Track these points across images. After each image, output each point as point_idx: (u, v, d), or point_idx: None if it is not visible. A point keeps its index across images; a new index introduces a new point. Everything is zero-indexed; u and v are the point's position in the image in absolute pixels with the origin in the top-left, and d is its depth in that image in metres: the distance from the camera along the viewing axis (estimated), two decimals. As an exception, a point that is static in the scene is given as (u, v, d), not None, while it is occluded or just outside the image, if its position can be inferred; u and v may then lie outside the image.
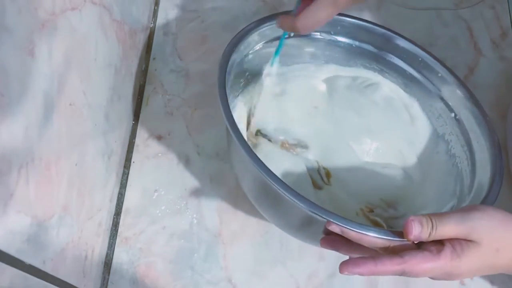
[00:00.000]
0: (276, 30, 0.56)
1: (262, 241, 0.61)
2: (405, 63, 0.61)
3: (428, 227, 0.41)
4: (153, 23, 0.75)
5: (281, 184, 0.45)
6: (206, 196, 0.63)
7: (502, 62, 0.74)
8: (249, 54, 0.58)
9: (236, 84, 0.58)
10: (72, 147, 0.46)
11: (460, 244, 0.41)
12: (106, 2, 0.53)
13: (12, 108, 0.34)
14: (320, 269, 0.59)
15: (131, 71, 0.66)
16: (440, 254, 0.41)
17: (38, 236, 0.40)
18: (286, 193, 0.45)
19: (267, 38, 0.59)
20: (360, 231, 0.43)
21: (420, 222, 0.42)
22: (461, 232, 0.41)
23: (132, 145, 0.66)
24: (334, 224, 0.44)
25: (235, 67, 0.56)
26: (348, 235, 0.44)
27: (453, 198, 0.55)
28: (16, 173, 0.35)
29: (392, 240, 0.43)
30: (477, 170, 0.54)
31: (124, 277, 0.58)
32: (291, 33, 0.58)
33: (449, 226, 0.41)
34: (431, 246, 0.42)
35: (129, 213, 0.61)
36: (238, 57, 0.56)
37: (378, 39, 0.61)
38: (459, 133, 0.58)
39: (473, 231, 0.41)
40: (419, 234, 0.41)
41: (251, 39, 0.57)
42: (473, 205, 0.45)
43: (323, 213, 0.44)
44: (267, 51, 0.59)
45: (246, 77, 0.60)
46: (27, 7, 0.35)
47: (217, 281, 0.58)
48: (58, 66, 0.41)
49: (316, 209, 0.44)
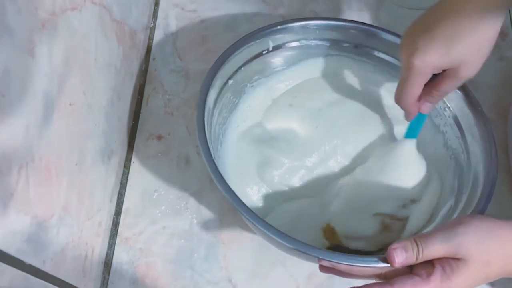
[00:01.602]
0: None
1: (262, 241, 0.60)
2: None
3: (414, 251, 0.42)
4: (153, 23, 0.75)
5: (263, 224, 0.47)
6: (206, 196, 0.63)
7: (502, 62, 0.74)
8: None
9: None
10: (72, 147, 0.46)
11: (450, 265, 0.41)
12: (106, 2, 0.53)
13: (12, 108, 0.34)
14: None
15: (131, 71, 0.66)
16: (430, 278, 0.41)
17: (38, 236, 0.40)
18: (270, 233, 0.46)
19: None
20: (348, 264, 0.45)
21: (404, 248, 0.42)
22: (448, 250, 0.41)
23: (132, 145, 0.66)
24: (323, 261, 0.45)
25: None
26: (339, 268, 0.45)
27: (452, 196, 0.55)
28: (16, 173, 0.35)
29: (382, 267, 0.44)
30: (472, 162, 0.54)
31: (124, 277, 0.58)
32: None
33: (435, 246, 0.42)
34: (421, 270, 0.42)
35: (129, 213, 0.61)
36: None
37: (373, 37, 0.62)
38: (453, 123, 0.58)
39: (460, 248, 0.41)
40: (404, 260, 0.42)
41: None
42: (458, 219, 0.45)
43: (309, 250, 0.45)
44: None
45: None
46: (27, 7, 0.35)
47: (217, 281, 0.58)
48: (58, 66, 0.41)
49: (301, 247, 0.45)
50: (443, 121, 0.60)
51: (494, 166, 0.52)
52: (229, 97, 0.60)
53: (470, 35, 0.47)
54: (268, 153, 0.60)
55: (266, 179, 0.59)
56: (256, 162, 0.60)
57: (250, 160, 0.60)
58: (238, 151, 0.60)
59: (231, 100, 0.61)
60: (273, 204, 0.59)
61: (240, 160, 0.60)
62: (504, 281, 0.60)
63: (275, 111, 0.63)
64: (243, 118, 0.62)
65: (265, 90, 0.64)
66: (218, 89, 0.57)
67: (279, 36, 0.61)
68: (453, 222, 0.43)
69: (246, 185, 0.59)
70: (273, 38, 0.60)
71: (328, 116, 0.63)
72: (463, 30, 0.46)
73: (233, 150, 0.60)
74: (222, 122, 0.60)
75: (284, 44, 0.62)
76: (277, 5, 0.77)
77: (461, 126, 0.57)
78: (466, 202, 0.52)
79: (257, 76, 0.63)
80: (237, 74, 0.60)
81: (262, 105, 0.63)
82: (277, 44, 0.61)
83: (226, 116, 0.61)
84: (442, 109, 0.59)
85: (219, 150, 0.59)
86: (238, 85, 0.61)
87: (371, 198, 0.56)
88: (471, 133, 0.56)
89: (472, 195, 0.51)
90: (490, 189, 0.50)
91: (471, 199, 0.51)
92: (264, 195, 0.59)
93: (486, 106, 0.56)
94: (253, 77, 0.63)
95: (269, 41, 0.60)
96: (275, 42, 0.61)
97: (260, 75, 0.63)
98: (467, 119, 0.57)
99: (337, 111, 0.63)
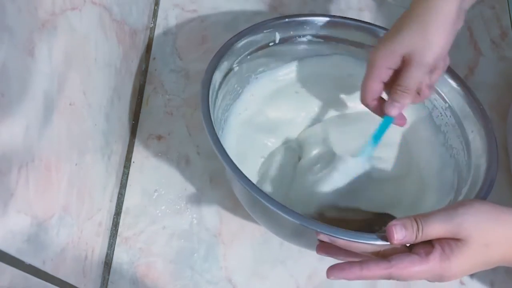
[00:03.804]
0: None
1: (262, 241, 0.61)
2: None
3: (413, 229, 0.41)
4: (153, 23, 0.75)
5: (268, 199, 0.46)
6: (206, 196, 0.63)
7: (502, 62, 0.74)
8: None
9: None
10: (72, 147, 0.46)
11: (449, 245, 0.41)
12: (106, 2, 0.53)
13: (12, 108, 0.34)
14: (320, 269, 0.59)
15: (131, 71, 0.66)
16: (428, 257, 0.41)
17: (38, 236, 0.40)
18: (274, 208, 0.46)
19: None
20: (347, 239, 0.44)
21: (404, 225, 0.42)
22: (448, 230, 0.41)
23: (132, 145, 0.66)
24: (322, 234, 0.44)
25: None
26: (337, 243, 0.44)
27: (451, 192, 0.55)
28: (16, 173, 0.35)
29: (380, 245, 0.43)
30: (473, 160, 0.54)
31: (124, 277, 0.58)
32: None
33: (436, 225, 0.41)
34: (420, 249, 0.42)
35: (129, 213, 0.61)
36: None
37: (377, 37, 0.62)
38: (454, 123, 0.58)
39: (460, 229, 0.41)
40: (403, 237, 0.41)
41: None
42: (460, 201, 0.45)
43: (310, 224, 0.45)
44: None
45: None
46: (27, 7, 0.35)
47: (217, 281, 0.58)
48: (58, 66, 0.41)
49: (302, 221, 0.45)
50: (444, 121, 0.60)
51: (494, 159, 0.51)
52: (234, 85, 0.60)
53: (413, 21, 0.49)
54: (268, 141, 0.61)
55: (265, 167, 0.59)
56: (256, 150, 0.61)
57: (250, 148, 0.60)
58: (238, 138, 0.61)
59: (235, 88, 0.61)
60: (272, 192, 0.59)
61: (240, 147, 0.60)
62: (504, 279, 0.60)
63: (279, 98, 0.64)
64: (245, 106, 0.62)
65: (269, 81, 0.64)
66: (224, 72, 0.57)
67: (286, 30, 0.61)
68: (455, 204, 0.43)
69: (245, 170, 0.58)
70: (280, 30, 0.60)
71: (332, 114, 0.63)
72: (408, 18, 0.49)
73: (234, 137, 0.60)
74: (225, 109, 0.60)
75: (290, 38, 0.62)
76: (277, 5, 0.77)
77: (462, 125, 0.57)
78: (465, 195, 0.52)
79: (262, 68, 0.63)
80: (243, 62, 0.60)
81: (265, 94, 0.64)
82: (284, 37, 0.61)
83: (229, 103, 0.61)
84: (444, 109, 0.59)
85: (220, 136, 0.59)
86: (243, 74, 0.61)
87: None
88: (472, 130, 0.56)
89: (472, 188, 0.51)
90: (490, 181, 0.50)
91: (471, 191, 0.51)
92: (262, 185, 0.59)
93: (486, 106, 0.56)
94: (258, 69, 0.63)
95: (276, 33, 0.60)
96: (282, 35, 0.61)
97: (265, 67, 0.63)
98: (468, 118, 0.57)
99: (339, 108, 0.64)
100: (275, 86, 0.64)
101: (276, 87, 0.64)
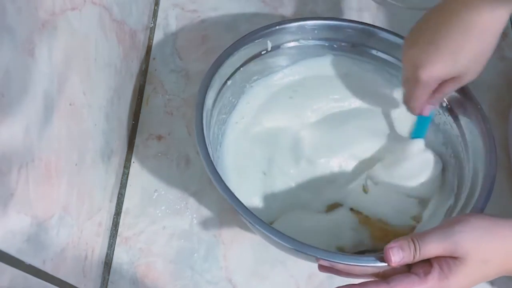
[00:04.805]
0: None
1: (262, 241, 0.60)
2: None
3: (411, 250, 0.42)
4: (153, 23, 0.75)
5: (262, 225, 0.47)
6: (206, 196, 0.63)
7: (502, 62, 0.74)
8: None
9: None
10: (72, 147, 0.46)
11: (447, 264, 0.41)
12: (106, 2, 0.53)
13: (12, 108, 0.34)
14: (320, 269, 0.59)
15: (131, 71, 0.66)
16: (427, 276, 0.41)
17: (38, 236, 0.40)
18: (270, 234, 0.46)
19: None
20: (346, 263, 0.45)
21: (401, 247, 0.42)
22: (446, 249, 0.41)
23: (132, 145, 0.66)
24: (322, 260, 0.45)
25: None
26: (338, 268, 0.45)
27: (451, 195, 0.55)
28: (16, 173, 0.35)
29: (379, 266, 0.44)
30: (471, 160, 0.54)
31: (124, 277, 0.58)
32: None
33: (433, 245, 0.41)
34: (419, 269, 0.42)
35: (129, 213, 0.61)
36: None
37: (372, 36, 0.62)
38: (452, 121, 0.58)
39: (458, 247, 0.41)
40: (401, 259, 0.42)
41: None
42: (456, 217, 0.45)
43: (308, 250, 0.45)
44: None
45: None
46: (27, 7, 0.35)
47: (217, 281, 0.58)
48: (58, 66, 0.41)
49: (300, 247, 0.46)
50: (442, 120, 0.60)
51: (493, 163, 0.51)
52: (228, 98, 0.60)
53: (475, 46, 0.48)
54: (267, 152, 0.61)
55: (266, 179, 0.59)
56: (255, 162, 0.60)
57: (249, 160, 0.60)
58: (237, 151, 0.61)
59: (230, 100, 0.61)
60: (274, 204, 0.59)
61: (239, 160, 0.60)
62: (504, 280, 0.60)
63: (274, 105, 0.63)
64: (241, 115, 0.62)
65: (264, 88, 0.64)
66: (217, 89, 0.57)
67: (277, 36, 0.61)
68: (451, 220, 0.43)
69: (246, 185, 0.59)
70: (271, 38, 0.60)
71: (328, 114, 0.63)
72: (469, 42, 0.48)
73: (232, 149, 0.61)
74: (222, 123, 0.60)
75: (283, 44, 0.62)
76: (277, 5, 0.77)
77: (461, 125, 0.58)
78: (465, 200, 0.52)
79: (256, 76, 0.63)
80: (236, 74, 0.60)
81: (261, 101, 0.63)
82: (276, 44, 0.61)
83: (225, 117, 0.61)
84: (442, 108, 0.59)
85: (218, 150, 0.59)
86: (237, 86, 0.61)
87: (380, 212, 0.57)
88: (471, 131, 0.56)
89: (472, 193, 0.51)
90: (489, 187, 0.50)
91: (470, 197, 0.51)
92: (264, 196, 0.59)
93: (486, 106, 0.57)
94: (252, 77, 0.63)
95: (267, 41, 0.60)
96: (274, 42, 0.61)
97: (259, 75, 0.63)
98: (467, 118, 0.57)
99: (336, 110, 0.63)
100: (270, 91, 0.64)
101: (272, 92, 0.64)
